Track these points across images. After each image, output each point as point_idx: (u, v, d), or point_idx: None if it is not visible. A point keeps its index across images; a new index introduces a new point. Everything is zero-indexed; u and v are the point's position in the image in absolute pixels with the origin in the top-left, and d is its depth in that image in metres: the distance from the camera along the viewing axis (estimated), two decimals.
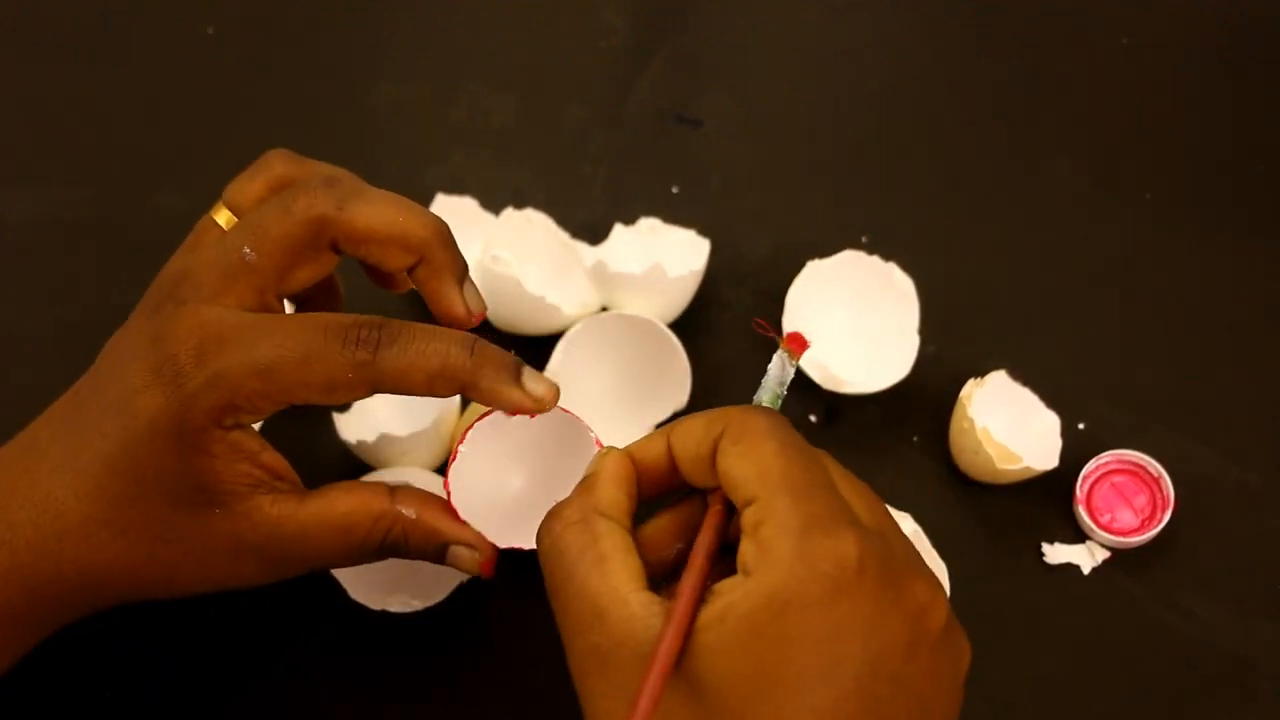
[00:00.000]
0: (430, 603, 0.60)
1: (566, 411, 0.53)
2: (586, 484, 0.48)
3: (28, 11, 0.81)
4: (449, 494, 0.53)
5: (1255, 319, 0.70)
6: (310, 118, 0.55)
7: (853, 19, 0.80)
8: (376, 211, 0.51)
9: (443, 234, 0.52)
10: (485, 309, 0.54)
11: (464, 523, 0.53)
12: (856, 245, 0.68)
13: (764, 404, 0.51)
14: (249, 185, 0.53)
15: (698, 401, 0.65)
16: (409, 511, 0.52)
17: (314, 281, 0.53)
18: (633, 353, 0.65)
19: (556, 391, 0.52)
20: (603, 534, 0.45)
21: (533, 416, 0.52)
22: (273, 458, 0.51)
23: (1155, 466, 0.64)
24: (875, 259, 0.67)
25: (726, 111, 0.77)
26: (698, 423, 0.47)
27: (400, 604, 0.60)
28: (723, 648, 0.42)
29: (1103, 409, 0.67)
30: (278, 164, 0.54)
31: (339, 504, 0.51)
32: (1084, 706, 0.61)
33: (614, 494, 0.47)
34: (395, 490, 0.52)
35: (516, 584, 0.64)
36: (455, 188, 0.72)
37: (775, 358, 0.51)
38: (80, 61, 0.79)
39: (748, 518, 0.44)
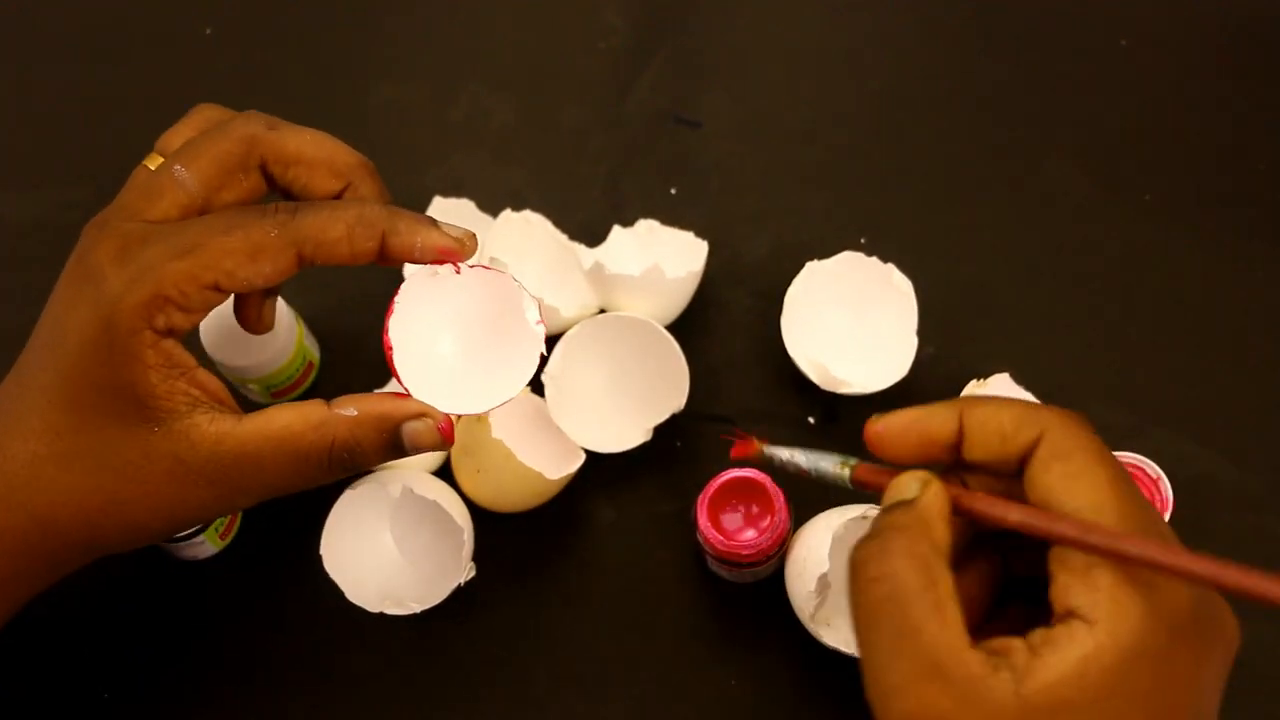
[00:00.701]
0: (429, 604, 0.60)
1: (491, 269, 0.53)
2: (917, 514, 0.44)
3: (28, 11, 0.81)
4: (390, 353, 0.51)
5: (1255, 319, 0.70)
6: (309, 118, 0.54)
7: (853, 19, 0.80)
8: (307, 136, 0.53)
9: (369, 165, 0.54)
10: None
11: (407, 396, 0.51)
12: (855, 246, 0.68)
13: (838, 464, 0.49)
14: (181, 130, 0.54)
15: (696, 402, 0.65)
16: (348, 411, 0.51)
17: (239, 201, 0.53)
18: (631, 354, 0.65)
19: (474, 237, 0.52)
20: (941, 578, 0.42)
21: (456, 265, 0.52)
22: (208, 378, 0.51)
23: (1154, 468, 0.64)
24: (874, 260, 0.66)
25: (726, 112, 0.77)
26: (1006, 414, 0.44)
27: (398, 606, 0.60)
28: (1086, 703, 0.40)
29: (1102, 410, 0.67)
30: (207, 110, 0.55)
31: (277, 418, 0.50)
32: None
33: (945, 534, 0.43)
34: (333, 400, 0.52)
35: (516, 585, 0.64)
36: (454, 189, 0.72)
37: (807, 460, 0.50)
38: (80, 61, 0.80)
39: (1076, 556, 0.41)
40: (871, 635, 0.42)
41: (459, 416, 0.53)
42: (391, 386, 0.64)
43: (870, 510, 0.61)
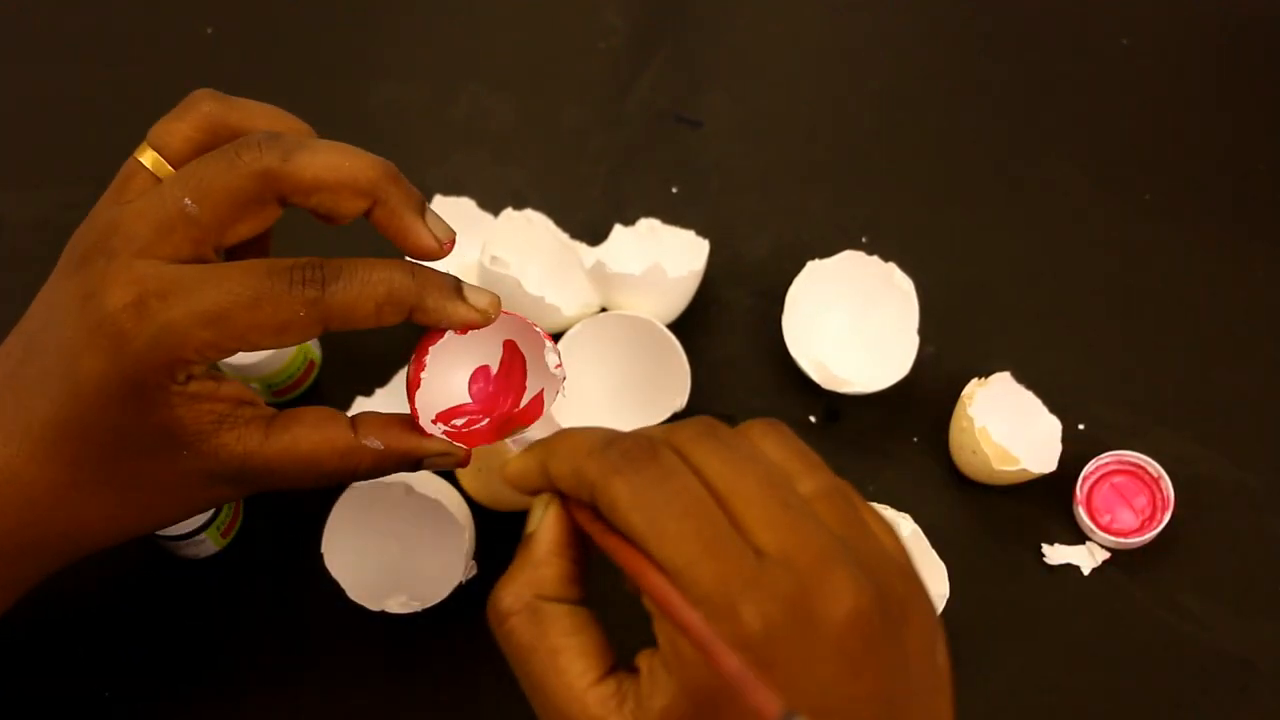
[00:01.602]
0: (430, 603, 0.60)
1: (510, 314, 0.53)
2: (527, 551, 0.44)
3: (28, 11, 0.81)
4: (416, 417, 0.52)
5: (1255, 319, 0.70)
6: (309, 118, 0.54)
7: (853, 19, 0.80)
8: (322, 160, 0.49)
9: (392, 172, 0.51)
10: (454, 236, 0.52)
11: (429, 435, 0.52)
12: (856, 245, 0.68)
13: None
14: (177, 126, 0.51)
15: (697, 401, 0.65)
16: (374, 443, 0.51)
17: (253, 235, 0.51)
18: (632, 353, 0.65)
19: (498, 301, 0.52)
20: (550, 622, 0.42)
21: (479, 329, 0.52)
22: (231, 388, 0.50)
23: (1155, 467, 0.64)
24: (875, 259, 0.66)
25: (726, 111, 0.77)
26: (566, 469, 0.43)
27: (400, 605, 0.60)
28: None
29: (1102, 410, 0.67)
30: (205, 103, 0.52)
31: (303, 441, 0.50)
32: (1084, 706, 0.61)
33: (555, 568, 0.43)
34: (357, 421, 0.52)
35: None
36: (455, 188, 0.72)
37: None
38: (80, 61, 0.79)
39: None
40: (523, 687, 0.43)
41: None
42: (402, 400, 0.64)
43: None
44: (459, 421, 0.54)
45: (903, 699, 0.40)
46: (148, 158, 0.51)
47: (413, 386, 0.52)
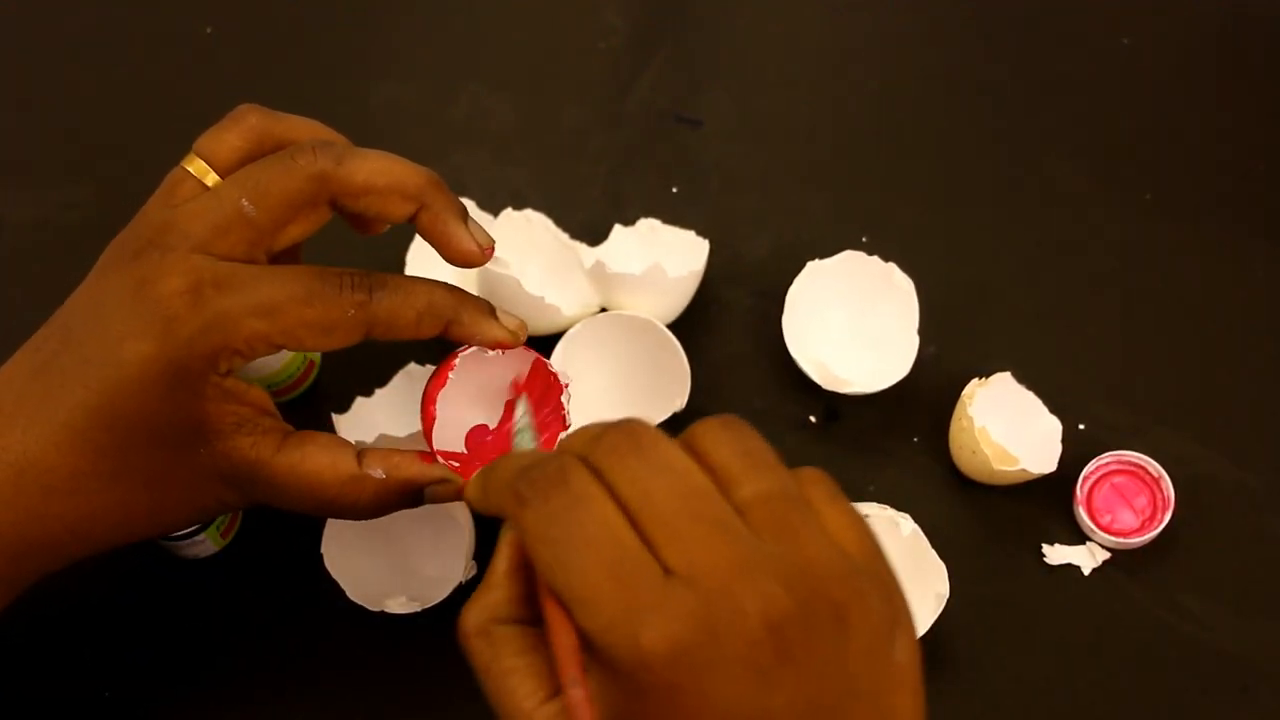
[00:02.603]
0: (430, 603, 0.60)
1: (531, 351, 0.57)
2: (487, 574, 0.45)
3: (28, 11, 0.81)
4: (430, 427, 0.54)
5: (1255, 319, 0.70)
6: (309, 118, 0.55)
7: (853, 19, 0.80)
8: (373, 165, 0.52)
9: (436, 180, 0.54)
10: (493, 243, 0.55)
11: (433, 461, 0.54)
12: (856, 245, 0.68)
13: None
14: (225, 136, 0.54)
15: (697, 402, 0.65)
16: (377, 473, 0.53)
17: (303, 238, 0.54)
18: (632, 353, 0.65)
19: (525, 327, 0.56)
20: (502, 643, 0.43)
21: (504, 351, 0.55)
22: (258, 395, 0.52)
23: (1155, 467, 0.64)
24: (875, 259, 0.66)
25: (726, 111, 0.77)
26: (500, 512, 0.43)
27: (399, 605, 0.60)
28: None
29: (1102, 409, 0.67)
30: (252, 116, 0.54)
31: (309, 461, 0.52)
32: (1084, 706, 0.61)
33: (506, 591, 0.44)
34: (363, 453, 0.53)
35: None
36: (454, 188, 0.71)
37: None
38: (80, 61, 0.79)
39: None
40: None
41: None
42: (402, 402, 0.65)
43: (871, 508, 0.61)
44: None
45: (836, 703, 0.39)
46: (195, 166, 0.53)
47: (430, 416, 0.55)
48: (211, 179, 0.53)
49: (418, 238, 0.68)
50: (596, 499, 0.40)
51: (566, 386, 0.57)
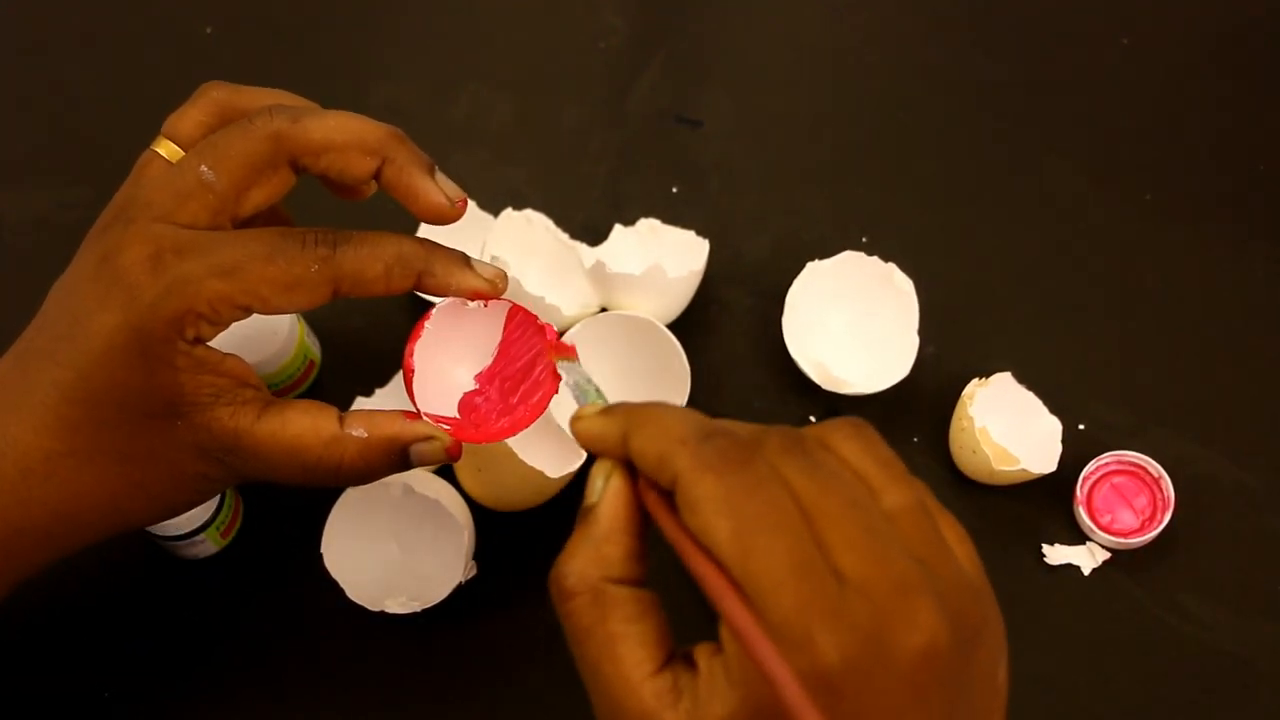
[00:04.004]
0: (430, 603, 0.60)
1: (513, 303, 0.54)
2: (589, 526, 0.43)
3: (28, 11, 0.81)
4: (410, 381, 0.53)
5: (1255, 319, 0.70)
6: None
7: (853, 19, 0.80)
8: (331, 122, 0.51)
9: (399, 134, 0.52)
10: (465, 196, 0.53)
11: (418, 417, 0.52)
12: (856, 245, 0.68)
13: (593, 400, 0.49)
14: (188, 113, 0.53)
15: (697, 402, 0.65)
16: (358, 432, 0.51)
17: (268, 204, 0.52)
18: (632, 353, 0.65)
19: (505, 276, 0.53)
20: (612, 606, 0.41)
21: (486, 303, 0.53)
22: (235, 364, 0.51)
23: (1155, 467, 0.64)
24: (875, 259, 0.66)
25: (726, 111, 0.77)
26: (651, 450, 0.42)
27: (400, 605, 0.60)
28: None
29: (1102, 410, 0.67)
30: (214, 91, 0.53)
31: (290, 426, 0.51)
32: (1084, 706, 0.61)
33: (620, 546, 0.43)
34: (345, 414, 0.52)
35: (515, 585, 0.64)
36: None
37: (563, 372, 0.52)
38: (80, 61, 0.79)
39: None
40: (578, 667, 0.42)
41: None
42: (402, 398, 0.64)
43: None
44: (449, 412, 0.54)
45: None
46: (163, 147, 0.53)
47: (409, 369, 0.53)
48: (180, 156, 0.52)
49: (423, 225, 0.68)
50: (781, 488, 0.39)
51: (573, 348, 0.53)
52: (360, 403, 0.66)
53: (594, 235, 0.71)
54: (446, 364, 0.54)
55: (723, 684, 0.40)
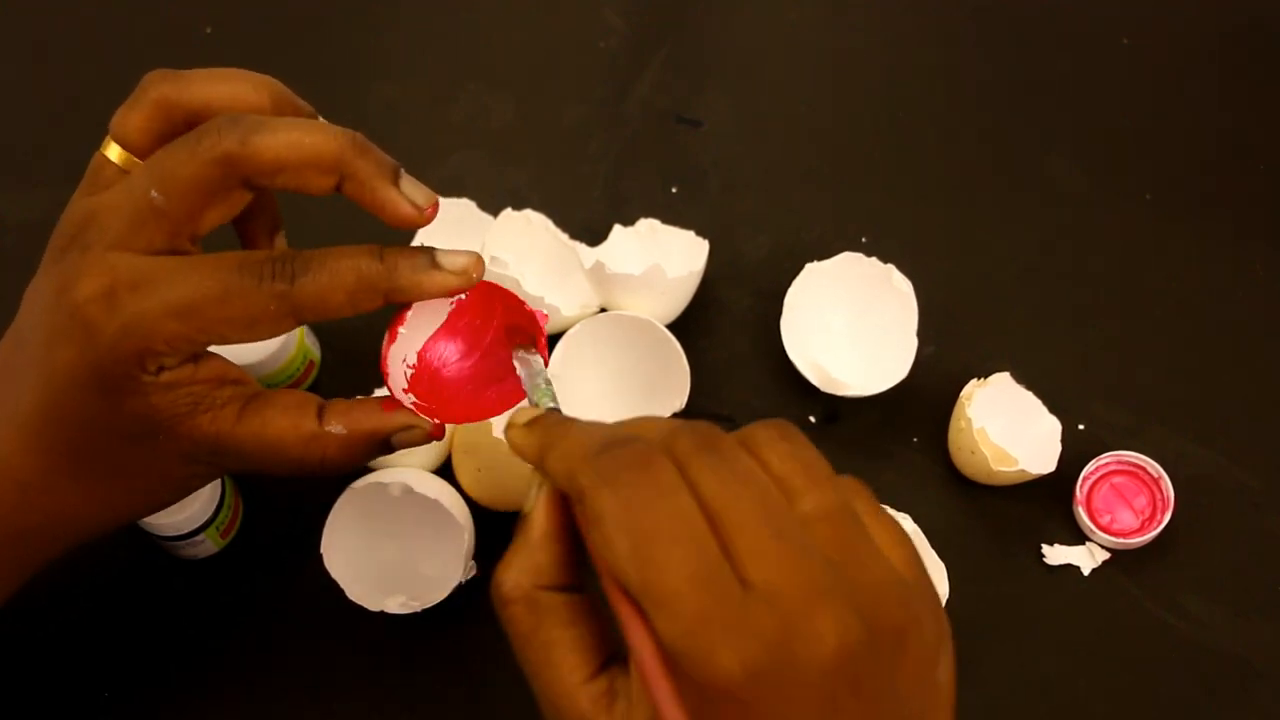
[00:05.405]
0: (430, 603, 0.60)
1: (492, 284, 0.52)
2: (524, 533, 0.43)
3: (28, 11, 0.81)
4: (387, 376, 0.52)
5: (1255, 319, 0.70)
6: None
7: (853, 19, 0.80)
8: (283, 139, 0.48)
9: (358, 143, 0.49)
10: (435, 200, 0.51)
11: (398, 406, 0.52)
12: (856, 246, 0.68)
13: (550, 404, 0.48)
14: (131, 116, 0.51)
15: (697, 402, 0.65)
16: (337, 429, 0.51)
17: (228, 219, 0.51)
18: (632, 353, 0.65)
19: (479, 261, 0.50)
20: (545, 613, 0.42)
21: (466, 293, 0.51)
22: (211, 368, 0.50)
23: (1155, 467, 0.64)
24: (874, 261, 0.66)
25: (726, 111, 0.77)
26: (561, 470, 0.42)
27: (400, 605, 0.60)
28: None
29: (1102, 410, 0.67)
30: (154, 89, 0.51)
31: (271, 426, 0.50)
32: (1084, 706, 0.61)
33: (551, 553, 0.43)
34: (324, 408, 0.52)
35: None
36: (454, 188, 0.72)
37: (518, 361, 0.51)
38: (80, 61, 0.79)
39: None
40: (524, 672, 0.43)
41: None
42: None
43: None
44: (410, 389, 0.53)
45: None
46: (112, 151, 0.51)
47: (386, 356, 0.52)
48: (131, 162, 0.51)
49: (420, 232, 0.68)
50: (683, 496, 0.39)
51: (542, 319, 0.52)
52: None
53: (594, 235, 0.71)
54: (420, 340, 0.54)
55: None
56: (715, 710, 0.37)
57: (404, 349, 0.53)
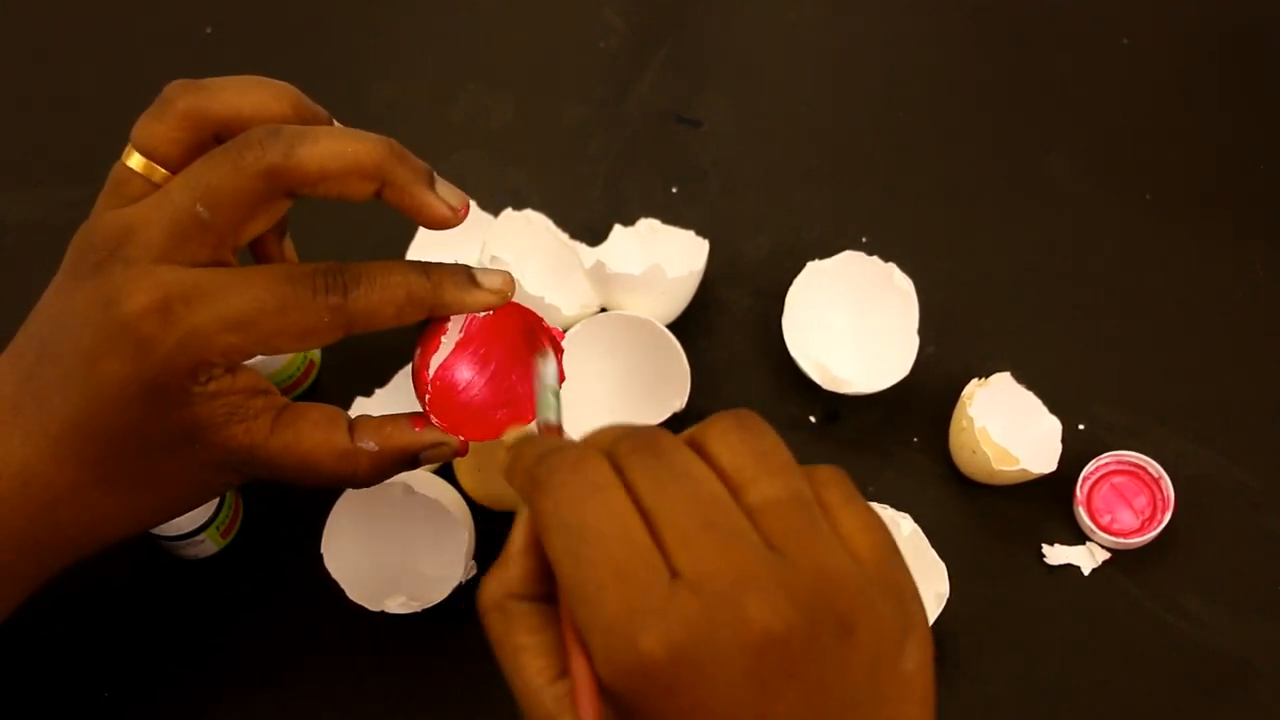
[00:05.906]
0: (430, 603, 0.60)
1: (521, 306, 0.55)
2: (504, 550, 0.45)
3: (28, 11, 0.81)
4: (427, 392, 0.54)
5: (1255, 319, 0.70)
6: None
7: (853, 19, 0.80)
8: (325, 148, 0.49)
9: (396, 150, 0.51)
10: (467, 201, 0.53)
11: (428, 423, 0.54)
12: (856, 245, 0.68)
13: (550, 418, 0.49)
14: (158, 128, 0.51)
15: (697, 402, 0.65)
16: (369, 445, 0.53)
17: (266, 229, 0.52)
18: (632, 353, 0.65)
19: (512, 280, 0.54)
20: (515, 620, 0.43)
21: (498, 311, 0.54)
22: (246, 378, 0.51)
23: (1155, 467, 0.64)
24: (875, 260, 0.66)
25: (726, 111, 0.77)
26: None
27: (400, 605, 0.60)
28: None
29: (1102, 410, 0.67)
30: (180, 100, 0.51)
31: (304, 440, 0.52)
32: (1084, 706, 0.61)
33: (521, 567, 0.44)
34: (355, 425, 0.53)
35: None
36: None
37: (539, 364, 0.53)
38: (80, 61, 0.79)
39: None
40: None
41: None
42: (401, 399, 0.65)
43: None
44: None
45: (839, 714, 0.39)
46: (136, 162, 0.51)
47: (424, 383, 0.54)
48: (159, 174, 0.51)
49: (420, 232, 0.68)
50: (613, 492, 0.40)
51: (559, 338, 0.55)
52: (360, 403, 0.66)
53: (594, 235, 0.71)
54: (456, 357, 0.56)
55: None
56: (645, 703, 0.38)
57: (431, 366, 0.54)
